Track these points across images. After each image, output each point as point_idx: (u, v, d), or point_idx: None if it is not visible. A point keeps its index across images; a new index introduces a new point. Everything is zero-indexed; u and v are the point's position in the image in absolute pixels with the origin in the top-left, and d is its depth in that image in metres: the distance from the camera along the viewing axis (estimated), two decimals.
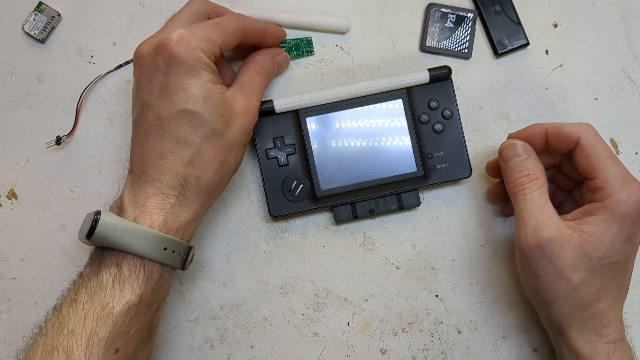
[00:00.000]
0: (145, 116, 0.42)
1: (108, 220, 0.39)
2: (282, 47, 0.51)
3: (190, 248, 0.43)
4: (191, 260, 0.44)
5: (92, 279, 0.40)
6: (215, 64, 0.43)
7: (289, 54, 0.51)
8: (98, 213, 0.39)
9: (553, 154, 0.47)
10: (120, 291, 0.40)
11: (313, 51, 0.52)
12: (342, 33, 0.52)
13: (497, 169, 0.48)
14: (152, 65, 0.42)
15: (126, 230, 0.40)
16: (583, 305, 0.42)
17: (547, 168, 0.46)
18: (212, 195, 0.44)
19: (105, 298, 0.39)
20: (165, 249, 0.41)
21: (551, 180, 0.49)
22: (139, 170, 0.42)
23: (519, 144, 0.44)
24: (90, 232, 0.39)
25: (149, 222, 0.41)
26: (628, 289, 0.44)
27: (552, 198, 0.48)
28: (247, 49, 0.49)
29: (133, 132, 0.44)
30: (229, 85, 0.45)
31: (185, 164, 0.42)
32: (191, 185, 0.42)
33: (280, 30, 0.49)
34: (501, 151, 0.45)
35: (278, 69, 0.50)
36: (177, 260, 0.42)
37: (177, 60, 0.41)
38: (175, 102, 0.41)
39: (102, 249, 0.41)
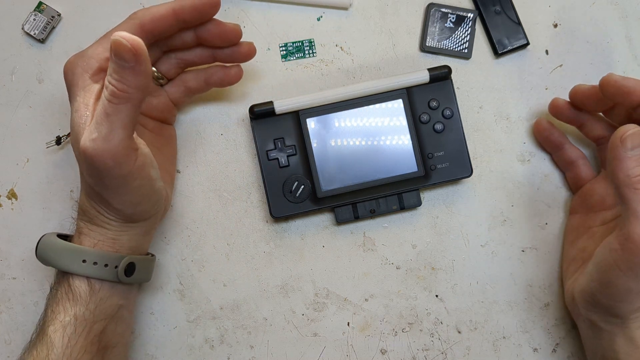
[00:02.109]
0: None
1: (45, 239, 0.42)
2: (282, 50, 0.51)
3: (122, 258, 0.42)
4: (128, 272, 0.43)
5: (45, 306, 0.43)
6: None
7: (291, 56, 0.51)
8: (44, 235, 0.43)
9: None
10: (54, 312, 0.41)
11: (315, 52, 0.52)
12: (345, 8, 0.52)
13: (571, 108, 0.46)
14: None
15: (52, 247, 0.42)
16: None
17: None
18: (127, 222, 0.43)
19: (46, 319, 0.41)
20: (84, 261, 0.41)
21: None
22: None
23: None
24: (36, 253, 0.43)
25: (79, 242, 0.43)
26: None
27: None
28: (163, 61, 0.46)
29: None
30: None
31: (85, 195, 0.43)
32: (89, 212, 0.42)
33: (232, 28, 0.44)
34: (626, 137, 0.39)
35: (125, 61, 0.36)
36: (105, 272, 0.42)
37: (67, 89, 0.41)
38: None
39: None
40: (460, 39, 0.51)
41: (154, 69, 0.46)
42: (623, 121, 0.46)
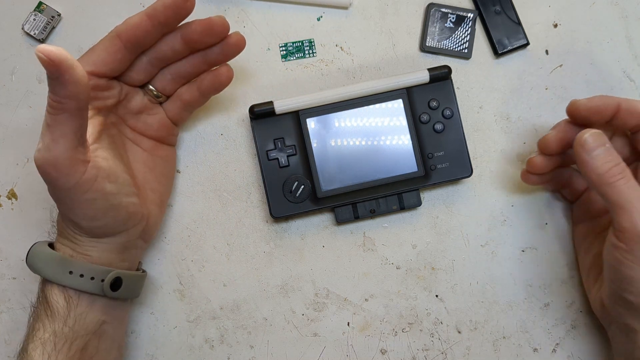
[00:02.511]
0: None
1: (35, 248, 0.42)
2: (282, 50, 0.51)
3: (109, 272, 0.42)
4: (115, 286, 0.43)
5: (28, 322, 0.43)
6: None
7: (291, 56, 0.52)
8: (35, 243, 0.43)
9: (615, 128, 0.45)
10: (34, 329, 0.41)
11: (315, 52, 0.52)
12: (345, 8, 0.52)
13: (557, 146, 0.46)
14: None
15: (40, 256, 0.42)
16: None
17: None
18: (96, 238, 0.43)
19: (27, 337, 0.41)
20: (70, 272, 0.41)
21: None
22: None
23: (600, 133, 0.41)
24: (26, 260, 0.43)
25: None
26: None
27: None
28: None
29: None
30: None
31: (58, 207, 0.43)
32: (66, 231, 0.43)
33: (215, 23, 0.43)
34: (584, 141, 0.41)
35: (49, 73, 0.36)
36: (90, 285, 0.41)
37: None
38: None
39: None
40: (460, 39, 0.51)
41: (151, 87, 0.46)
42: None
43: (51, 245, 0.43)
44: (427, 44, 0.51)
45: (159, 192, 0.48)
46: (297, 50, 0.52)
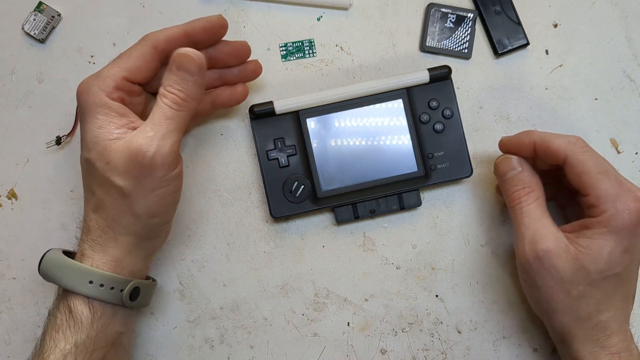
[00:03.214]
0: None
1: (50, 255, 0.42)
2: (282, 50, 0.51)
3: (128, 281, 0.42)
4: (133, 296, 0.43)
5: (44, 332, 0.42)
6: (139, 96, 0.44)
7: (291, 56, 0.52)
8: (49, 250, 0.42)
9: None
10: (55, 340, 0.40)
11: (315, 52, 0.52)
12: (345, 8, 0.52)
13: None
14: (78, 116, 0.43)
15: (58, 265, 0.41)
16: (584, 316, 0.42)
17: (549, 170, 0.46)
18: (135, 241, 0.42)
19: (44, 347, 0.40)
20: (91, 282, 0.40)
21: (554, 183, 0.48)
22: None
23: (514, 157, 0.44)
24: (39, 269, 0.42)
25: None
26: (634, 298, 0.44)
27: (556, 199, 0.48)
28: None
29: None
30: None
31: (92, 211, 0.42)
32: (96, 231, 0.42)
33: (210, 19, 0.44)
34: (496, 166, 0.46)
35: (188, 74, 0.40)
36: (110, 295, 0.41)
37: (81, 108, 0.41)
38: (81, 150, 0.42)
39: (55, 298, 0.43)
40: (460, 39, 0.51)
41: None
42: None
43: (65, 253, 0.43)
44: (427, 44, 0.51)
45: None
46: (297, 50, 0.52)
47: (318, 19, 0.52)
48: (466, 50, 0.51)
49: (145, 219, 0.41)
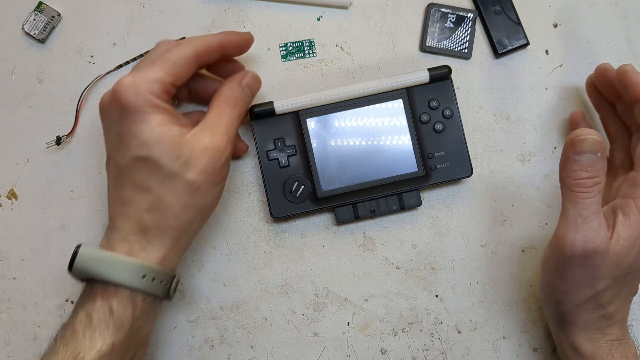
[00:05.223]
0: (109, 167, 0.43)
1: (86, 251, 0.40)
2: (282, 50, 0.51)
3: (173, 276, 0.43)
4: (175, 289, 0.43)
5: (68, 328, 0.40)
6: (178, 99, 0.44)
7: (291, 56, 0.52)
8: (79, 246, 0.40)
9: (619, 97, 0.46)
10: (91, 340, 0.39)
11: (315, 52, 0.52)
12: (345, 8, 0.52)
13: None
14: (109, 116, 0.42)
15: (104, 260, 0.40)
16: (596, 308, 0.42)
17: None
18: (180, 240, 0.43)
19: (78, 347, 0.39)
20: (144, 276, 0.40)
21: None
22: (110, 218, 0.43)
23: (599, 140, 0.38)
24: (71, 265, 0.40)
25: None
26: (637, 291, 0.44)
27: None
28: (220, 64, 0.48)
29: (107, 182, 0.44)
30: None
31: (146, 210, 0.41)
32: (153, 230, 0.41)
33: (243, 36, 0.47)
34: (576, 142, 0.39)
35: (250, 93, 0.46)
36: (159, 288, 0.41)
37: (127, 109, 0.40)
38: (130, 150, 0.41)
39: (80, 296, 0.41)
40: (460, 39, 0.51)
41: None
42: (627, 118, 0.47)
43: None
44: (427, 44, 0.51)
45: None
46: (297, 50, 0.52)
47: (318, 19, 0.52)
48: (466, 50, 0.51)
49: (199, 212, 0.43)
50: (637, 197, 0.40)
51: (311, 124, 0.49)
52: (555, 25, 0.52)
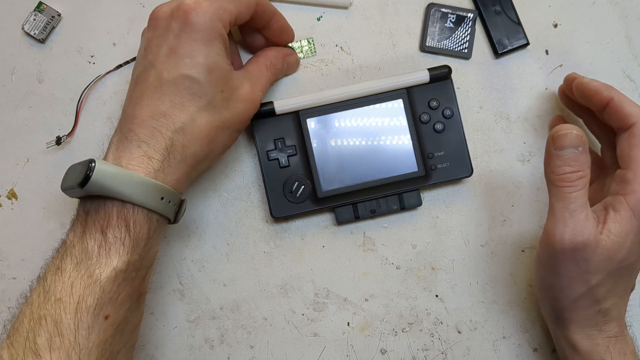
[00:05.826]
0: (147, 76, 0.42)
1: (103, 167, 0.38)
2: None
3: (183, 200, 0.43)
4: (183, 213, 0.44)
5: (77, 246, 0.39)
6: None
7: None
8: (92, 161, 0.37)
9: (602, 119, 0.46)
10: (107, 258, 0.38)
11: (315, 52, 0.52)
12: (345, 8, 0.52)
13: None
14: (166, 28, 0.41)
15: (123, 178, 0.38)
16: (591, 303, 0.42)
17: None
18: (196, 168, 0.43)
19: (92, 265, 0.38)
20: (162, 198, 0.40)
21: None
22: (126, 129, 0.41)
23: (578, 133, 0.39)
24: (85, 180, 0.37)
25: None
26: (634, 287, 0.44)
27: None
28: (249, 33, 0.50)
29: (129, 91, 0.43)
30: (235, 69, 0.45)
31: (175, 130, 0.41)
32: (177, 152, 0.41)
33: (289, 27, 0.49)
34: (556, 137, 0.39)
35: (287, 69, 0.50)
36: (171, 210, 0.42)
37: (193, 26, 0.40)
38: (180, 66, 0.41)
39: (85, 214, 0.40)
40: (460, 39, 0.51)
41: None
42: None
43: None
44: (427, 44, 0.51)
45: None
46: (297, 50, 0.52)
47: (318, 19, 0.52)
48: (466, 50, 0.51)
49: (216, 148, 0.44)
50: (626, 194, 0.41)
51: (311, 124, 0.49)
52: (555, 25, 0.52)
